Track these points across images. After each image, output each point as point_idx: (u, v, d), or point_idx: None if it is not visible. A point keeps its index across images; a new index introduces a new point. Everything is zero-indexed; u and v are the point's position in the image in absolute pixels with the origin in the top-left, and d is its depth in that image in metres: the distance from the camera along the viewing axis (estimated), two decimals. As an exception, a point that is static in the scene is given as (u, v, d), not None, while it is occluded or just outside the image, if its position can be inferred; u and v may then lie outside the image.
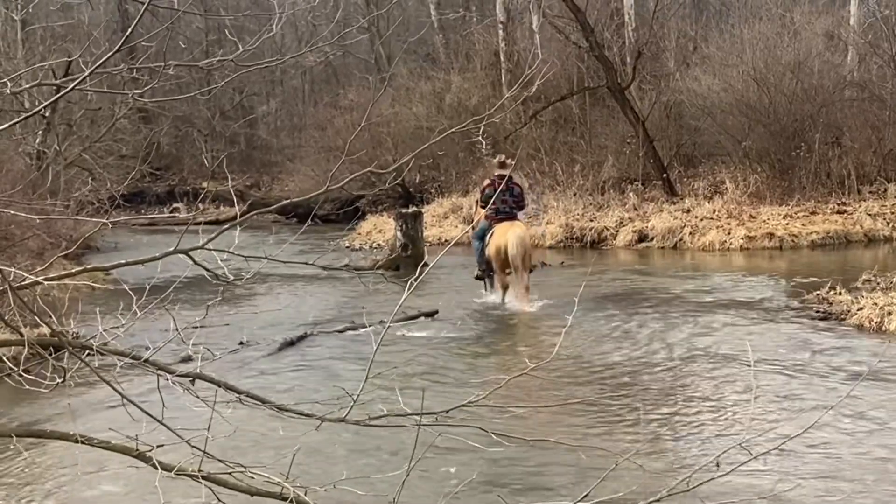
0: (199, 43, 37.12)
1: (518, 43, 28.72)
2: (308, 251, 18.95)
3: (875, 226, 20.33)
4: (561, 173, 24.80)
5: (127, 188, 21.97)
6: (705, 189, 23.23)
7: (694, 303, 13.51)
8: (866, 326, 11.40)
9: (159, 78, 5.33)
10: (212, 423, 4.22)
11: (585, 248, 21.21)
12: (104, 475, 6.80)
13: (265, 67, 8.94)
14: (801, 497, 6.18)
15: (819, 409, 7.95)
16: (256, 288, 15.41)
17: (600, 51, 23.41)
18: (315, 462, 6.73)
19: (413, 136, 27.30)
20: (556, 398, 8.73)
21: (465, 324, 12.64)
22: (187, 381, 4.30)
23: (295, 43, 36.59)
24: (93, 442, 4.14)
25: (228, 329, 11.94)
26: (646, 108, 24.30)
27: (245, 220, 4.59)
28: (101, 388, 4.54)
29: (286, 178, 34.16)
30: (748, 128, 22.90)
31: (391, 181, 14.92)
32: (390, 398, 4.82)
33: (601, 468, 5.04)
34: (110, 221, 4.34)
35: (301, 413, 4.36)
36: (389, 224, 22.14)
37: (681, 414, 8.27)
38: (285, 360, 10.90)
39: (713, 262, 18.47)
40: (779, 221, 20.33)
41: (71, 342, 4.33)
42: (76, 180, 22.30)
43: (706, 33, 27.65)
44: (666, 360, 10.23)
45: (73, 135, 23.53)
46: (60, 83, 6.61)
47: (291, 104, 40.63)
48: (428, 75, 31.00)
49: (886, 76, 23.66)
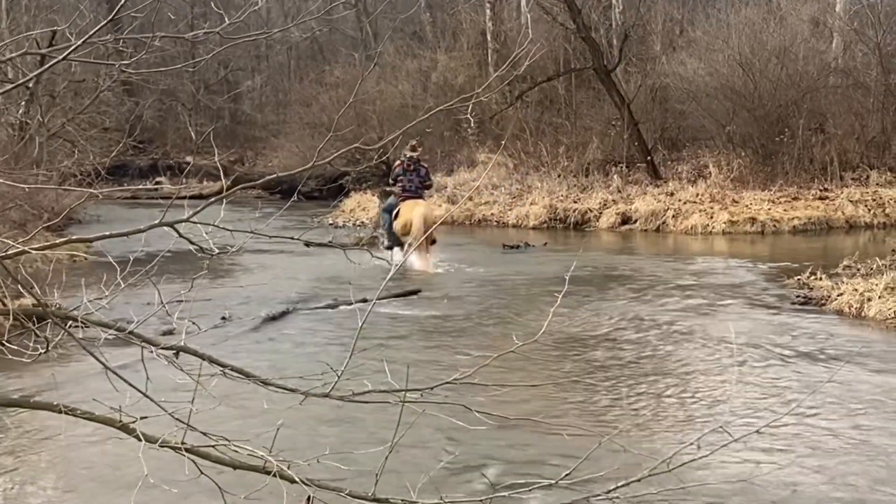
0: (185, 16, 36.84)
1: (505, 23, 28.68)
2: (292, 227, 18.95)
3: (856, 212, 20.46)
4: (545, 154, 24.81)
5: (110, 161, 21.82)
6: (689, 173, 23.31)
7: (676, 286, 13.57)
8: (846, 312, 11.48)
9: (146, 50, 5.30)
10: (196, 397, 4.23)
11: (569, 229, 21.27)
12: (88, 446, 6.80)
13: (251, 41, 8.90)
14: (781, 479, 6.23)
15: (800, 393, 8.03)
16: (239, 263, 15.40)
17: (587, 32, 23.40)
18: (299, 437, 6.74)
19: (398, 115, 27.24)
20: (540, 377, 8.76)
21: (447, 302, 12.66)
22: (171, 353, 4.29)
23: (281, 18, 36.41)
24: (76, 413, 4.13)
25: (211, 304, 11.91)
26: (631, 91, 24.33)
27: (231, 195, 4.57)
28: (84, 359, 4.53)
29: (270, 153, 34.03)
30: (732, 112, 22.96)
31: (378, 158, 14.97)
32: (374, 375, 4.83)
33: (583, 448, 5.07)
34: (98, 192, 4.31)
35: (285, 388, 4.36)
36: (373, 202, 22.10)
37: (663, 395, 8.31)
38: (267, 336, 10.90)
39: (695, 245, 18.54)
40: (761, 206, 20.42)
41: (55, 313, 4.30)
42: (59, 152, 22.18)
43: (693, 17, 27.65)
44: (648, 342, 10.28)
45: (57, 106, 23.34)
46: (46, 53, 6.57)
47: (277, 80, 40.41)
48: (414, 53, 30.89)
49: (871, 63, 23.75)
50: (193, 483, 4.31)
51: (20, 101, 21.85)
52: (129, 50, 5.43)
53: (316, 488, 4.07)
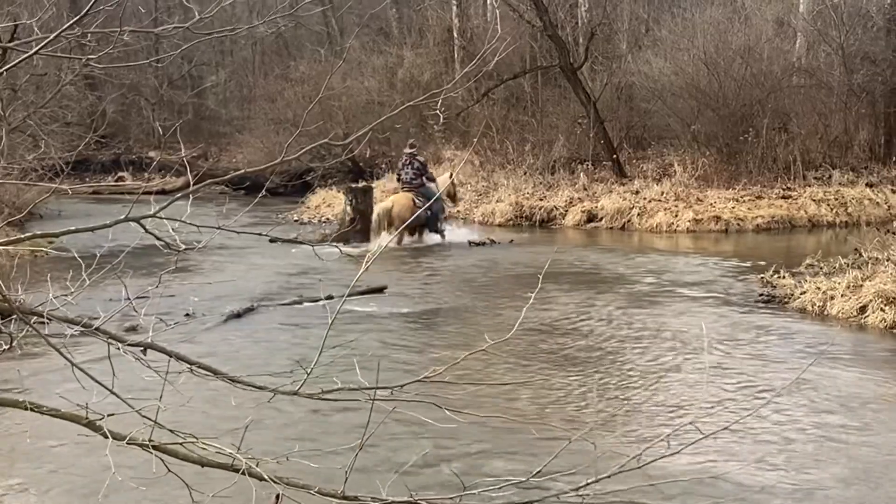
0: (149, 12, 36.48)
1: (471, 20, 28.68)
2: (256, 223, 18.78)
3: (819, 211, 20.65)
4: (512, 152, 24.85)
5: (71, 156, 21.57)
6: (654, 171, 23.43)
7: (642, 283, 13.63)
8: (809, 310, 11.58)
9: (113, 44, 5.22)
10: (163, 394, 4.17)
11: (535, 227, 21.28)
12: (54, 443, 6.72)
13: (217, 37, 8.80)
14: (751, 475, 6.27)
15: (767, 391, 8.09)
16: (205, 259, 15.27)
17: (553, 30, 23.45)
18: (268, 434, 6.70)
19: (364, 111, 27.19)
20: (510, 375, 8.77)
21: (414, 299, 12.64)
22: (138, 350, 4.24)
23: (246, 13, 36.17)
24: (42, 410, 4.07)
25: (174, 300, 11.80)
26: (597, 89, 24.42)
27: (198, 190, 4.52)
28: (50, 356, 4.47)
29: (235, 149, 33.79)
30: (697, 111, 23.11)
31: (345, 154, 14.99)
32: (344, 372, 4.80)
33: (554, 445, 5.07)
34: (64, 188, 4.25)
35: (253, 385, 4.31)
36: (339, 198, 22.02)
37: (632, 393, 8.34)
38: (232, 333, 10.82)
39: (660, 243, 18.63)
40: (725, 205, 20.56)
41: (20, 308, 4.24)
42: (20, 146, 21.89)
43: (658, 16, 27.79)
44: (616, 340, 10.32)
45: (18, 100, 23.03)
46: (10, 47, 6.47)
47: (241, 75, 40.11)
48: (381, 49, 30.80)
49: (834, 64, 24.00)
50: (161, 481, 4.25)
51: (-20, 95, 21.55)
52: (93, 44, 5.34)
53: (285, 486, 4.04)
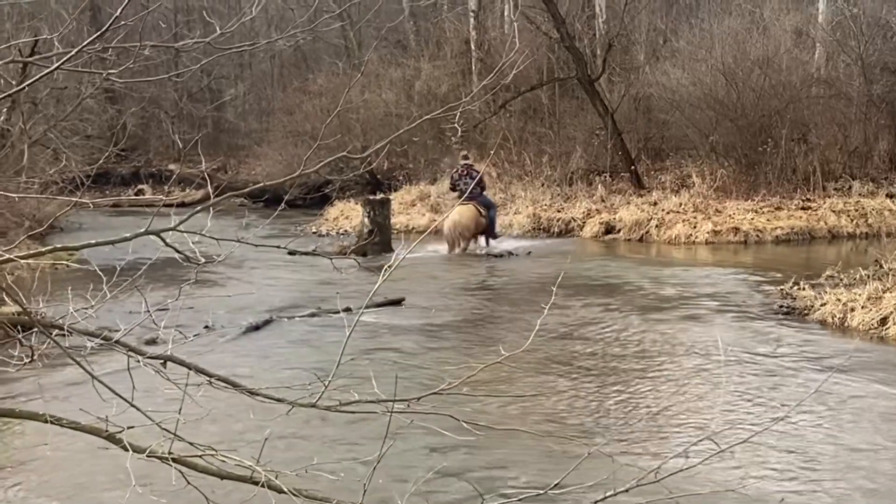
0: (169, 27, 36.67)
1: (489, 32, 28.72)
2: (275, 236, 18.88)
3: (839, 222, 20.54)
4: (529, 163, 24.85)
5: (92, 169, 21.70)
6: (672, 182, 23.36)
7: (660, 296, 13.58)
8: (829, 322, 11.52)
9: (134, 58, 5.26)
10: (182, 406, 4.20)
11: (552, 238, 21.25)
12: (74, 456, 6.75)
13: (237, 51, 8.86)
14: (769, 489, 6.24)
15: (787, 403, 8.05)
16: (223, 272, 15.32)
17: (571, 42, 23.46)
18: (286, 447, 6.71)
19: (382, 123, 27.23)
20: (526, 387, 8.76)
21: (431, 311, 12.63)
22: (158, 363, 4.26)
23: (265, 27, 36.31)
24: (62, 422, 4.10)
25: (194, 312, 11.84)
26: (615, 101, 24.39)
27: (218, 203, 4.55)
28: (70, 368, 4.50)
29: (253, 162, 33.90)
30: (716, 122, 23.04)
31: (363, 167, 15.02)
32: (361, 384, 4.81)
33: (571, 458, 5.07)
34: (85, 202, 4.28)
35: (272, 398, 4.33)
36: (357, 210, 22.07)
37: (650, 405, 8.31)
38: (251, 345, 10.85)
39: (679, 255, 18.58)
40: (744, 216, 20.48)
41: (41, 321, 4.28)
42: (41, 160, 22.03)
43: (676, 27, 27.73)
44: (635, 351, 10.29)
45: (39, 113, 23.19)
46: (30, 61, 6.52)
47: (260, 88, 40.28)
48: (398, 62, 30.87)
49: (853, 74, 23.88)
50: (181, 493, 4.27)
51: (1, 109, 21.72)
52: (113, 58, 5.39)
53: (304, 499, 4.05)
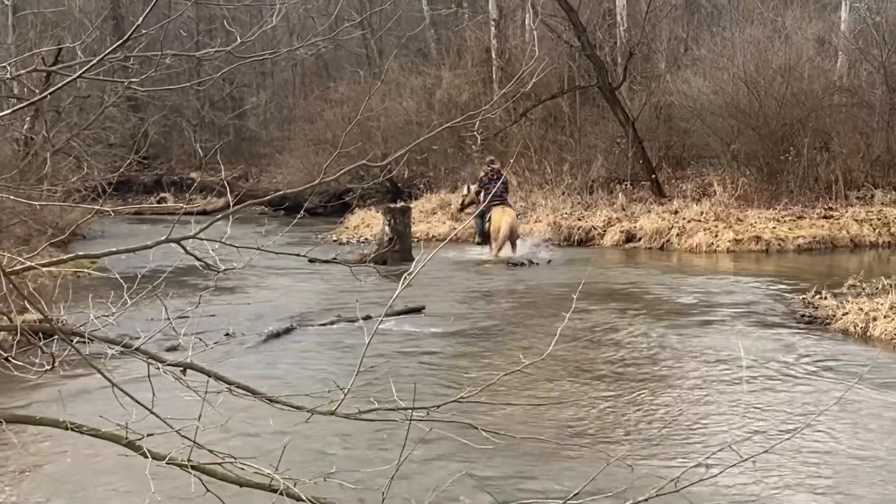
0: (191, 35, 36.91)
1: (510, 40, 28.73)
2: (296, 244, 18.88)
3: (861, 231, 20.41)
4: (550, 171, 24.83)
5: (114, 177, 21.82)
6: (693, 191, 23.30)
7: (681, 304, 13.54)
8: (851, 331, 11.44)
9: (156, 67, 5.29)
10: (202, 414, 4.21)
11: (573, 246, 21.21)
12: (94, 463, 6.77)
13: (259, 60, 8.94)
14: (791, 500, 6.20)
15: (808, 413, 7.99)
16: (244, 279, 15.37)
17: (592, 50, 23.45)
18: (306, 454, 6.71)
19: (402, 131, 27.28)
20: (546, 395, 8.73)
21: (452, 320, 12.63)
22: (178, 370, 4.28)
23: (286, 35, 36.44)
24: (83, 430, 4.11)
25: (214, 320, 11.86)
26: (636, 109, 24.34)
27: (238, 210, 4.57)
28: (90, 375, 4.51)
29: (275, 170, 34.03)
30: (737, 131, 22.96)
31: (384, 175, 15.06)
32: (380, 392, 4.81)
33: (591, 467, 5.05)
34: (107, 210, 4.31)
35: (291, 405, 4.34)
36: (377, 218, 22.12)
37: (670, 414, 8.28)
38: (272, 353, 10.87)
39: (700, 263, 18.50)
40: (766, 225, 20.39)
41: (62, 329, 4.30)
42: (64, 167, 22.17)
43: (697, 35, 27.67)
44: (655, 359, 10.26)
45: (62, 121, 23.35)
46: (53, 70, 6.57)
47: (281, 96, 40.42)
48: (419, 70, 30.93)
49: (875, 82, 23.75)
50: (200, 501, 4.28)
51: (25, 117, 21.87)
52: (135, 66, 5.42)
53: (323, 506, 4.06)
